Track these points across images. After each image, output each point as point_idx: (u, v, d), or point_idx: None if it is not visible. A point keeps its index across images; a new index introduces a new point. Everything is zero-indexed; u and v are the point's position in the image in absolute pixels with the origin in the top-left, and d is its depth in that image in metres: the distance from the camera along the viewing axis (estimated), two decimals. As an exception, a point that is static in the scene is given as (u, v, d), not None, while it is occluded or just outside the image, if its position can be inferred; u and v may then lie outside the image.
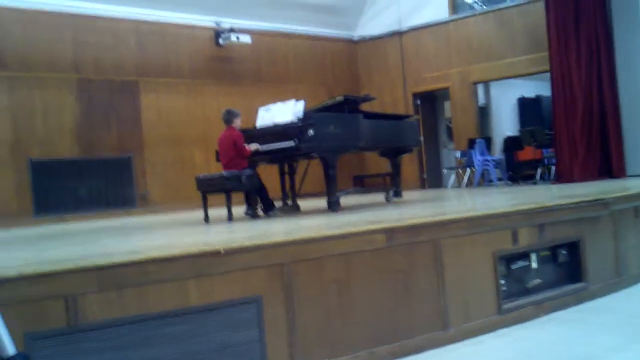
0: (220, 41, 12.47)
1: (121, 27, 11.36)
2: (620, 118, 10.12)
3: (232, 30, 12.34)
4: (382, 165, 11.85)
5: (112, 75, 11.23)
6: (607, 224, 5.43)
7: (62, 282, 2.95)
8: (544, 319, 4.70)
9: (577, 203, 5.21)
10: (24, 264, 3.36)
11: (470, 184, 12.41)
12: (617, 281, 5.41)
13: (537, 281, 4.88)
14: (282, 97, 7.60)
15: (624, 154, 10.10)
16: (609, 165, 10.07)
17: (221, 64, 12.62)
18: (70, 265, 3.02)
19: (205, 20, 12.39)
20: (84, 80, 10.92)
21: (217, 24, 12.49)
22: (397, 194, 8.08)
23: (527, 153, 12.68)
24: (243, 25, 12.69)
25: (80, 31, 10.90)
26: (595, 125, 10.12)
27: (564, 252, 5.09)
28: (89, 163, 10.80)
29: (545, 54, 10.61)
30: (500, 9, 12.46)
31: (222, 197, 6.71)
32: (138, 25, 11.54)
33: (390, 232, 4.02)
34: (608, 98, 10.05)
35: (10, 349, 2.10)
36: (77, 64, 10.89)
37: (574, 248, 5.15)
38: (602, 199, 5.38)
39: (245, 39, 12.44)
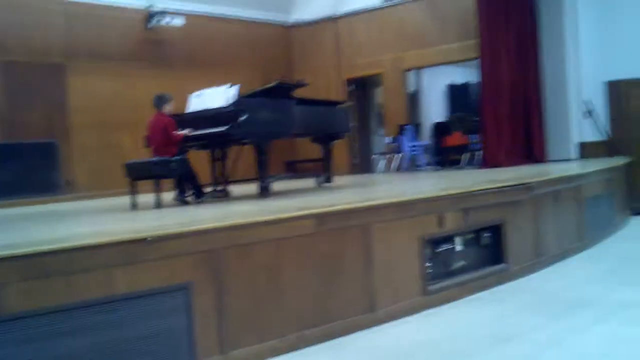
0: (152, 23, 12.18)
1: (49, 8, 10.93)
2: (542, 105, 10.52)
3: (164, 12, 12.07)
4: (314, 150, 11.89)
5: (38, 57, 10.81)
6: (528, 207, 5.67)
7: (-18, 272, 2.87)
8: (468, 299, 4.89)
9: (500, 187, 5.40)
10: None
11: (399, 169, 12.63)
12: (536, 262, 5.68)
13: (462, 263, 5.06)
14: (216, 82, 7.50)
15: (546, 139, 10.52)
16: (531, 150, 10.46)
17: (152, 47, 12.34)
18: (-10, 254, 2.93)
19: (136, 2, 12.07)
20: (8, 63, 10.47)
21: (149, 6, 12.19)
22: (328, 179, 8.16)
23: (455, 139, 13.00)
24: (175, 7, 12.44)
25: (5, 11, 10.43)
26: (520, 112, 10.47)
27: (487, 235, 5.29)
28: (11, 148, 10.38)
29: (476, 40, 10.85)
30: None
31: (151, 183, 6.61)
32: (67, 7, 11.14)
33: (320, 218, 4.08)
34: (532, 85, 10.42)
35: None
36: (1, 45, 10.43)
37: (496, 231, 5.36)
38: (525, 183, 5.61)
39: (178, 22, 12.19)
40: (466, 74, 15.38)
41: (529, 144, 10.50)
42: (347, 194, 6.30)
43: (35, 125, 10.69)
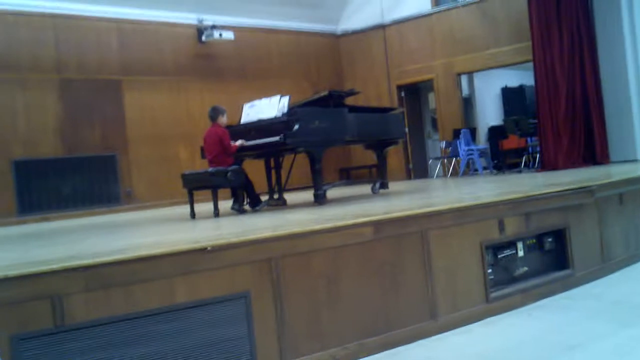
0: (203, 38, 12.41)
1: (103, 27, 11.27)
2: (603, 105, 10.20)
3: (214, 27, 12.28)
4: (368, 156, 11.86)
5: (94, 74, 11.15)
6: (592, 211, 5.47)
7: (48, 282, 2.93)
8: (531, 306, 4.74)
9: (562, 191, 5.24)
10: (8, 265, 3.33)
11: (455, 173, 12.46)
12: (602, 267, 5.46)
13: (524, 269, 4.91)
14: (266, 93, 7.57)
15: (607, 140, 10.19)
16: (592, 152, 10.15)
17: (204, 61, 12.56)
18: (55, 265, 2.99)
19: (187, 17, 12.32)
20: (66, 80, 10.83)
21: (200, 21, 12.41)
22: (384, 185, 8.09)
23: (512, 142, 12.76)
24: (225, 21, 12.64)
25: (61, 31, 10.81)
26: (579, 113, 10.19)
27: (549, 240, 5.13)
28: (72, 162, 10.73)
29: (528, 43, 10.65)
30: (482, 0, 12.49)
31: (208, 192, 6.69)
32: (120, 25, 11.46)
33: (377, 225, 4.03)
34: (591, 85, 10.13)
35: None
36: (59, 64, 10.80)
37: (559, 236, 5.19)
38: (587, 187, 5.42)
39: (228, 35, 12.39)
40: (521, 77, 15.14)
41: (589, 146, 10.19)
42: (403, 200, 6.22)
43: (95, 139, 11.03)
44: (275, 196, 7.54)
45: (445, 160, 13.00)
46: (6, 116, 10.20)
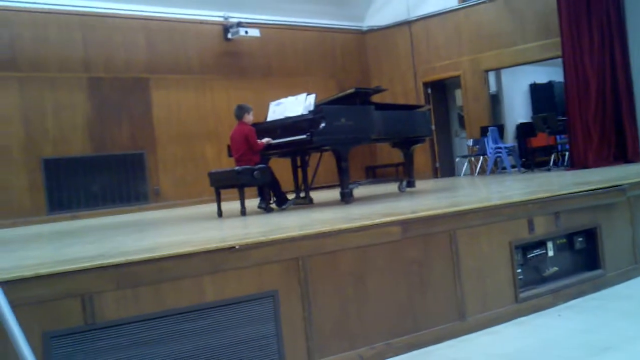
0: (229, 36, 12.45)
1: (130, 25, 11.38)
2: (634, 102, 10.01)
3: (240, 24, 12.32)
4: (394, 155, 11.80)
5: (122, 73, 11.27)
6: (623, 210, 5.38)
7: (79, 281, 2.96)
8: (562, 307, 4.67)
9: (592, 190, 5.15)
10: (39, 263, 3.37)
11: (483, 171, 12.34)
12: (635, 268, 5.37)
13: (554, 269, 4.84)
14: (292, 91, 7.58)
15: (639, 138, 10.00)
16: (624, 150, 9.97)
17: (230, 58, 12.62)
18: (86, 264, 3.02)
19: (213, 15, 12.38)
20: (94, 79, 10.96)
21: (226, 18, 12.47)
22: (411, 184, 8.05)
23: (541, 140, 12.58)
24: (251, 19, 12.67)
25: (89, 30, 10.94)
26: (609, 110, 10.02)
27: (580, 239, 5.05)
28: (101, 160, 10.87)
29: (557, 39, 10.50)
30: (509, -4, 12.34)
31: (234, 190, 6.72)
32: (147, 23, 11.56)
33: (405, 224, 4.00)
34: (621, 82, 9.95)
35: (29, 357, 2.11)
36: (88, 63, 10.93)
37: (590, 235, 5.11)
38: (618, 185, 5.33)
39: (254, 33, 12.42)
40: (549, 73, 14.94)
41: (620, 143, 10.01)
42: (431, 199, 6.17)
43: (123, 138, 11.15)
44: (302, 195, 7.55)
45: (473, 159, 12.88)
46: (36, 115, 10.36)
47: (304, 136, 6.40)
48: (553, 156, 12.09)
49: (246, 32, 12.29)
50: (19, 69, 10.25)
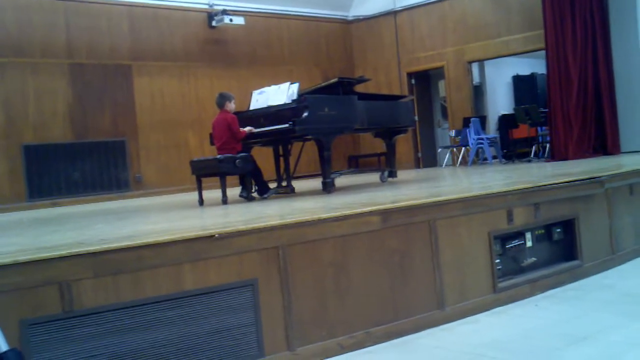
0: (214, 23, 12.36)
1: (114, 11, 11.26)
2: (615, 96, 10.11)
3: (225, 12, 12.23)
4: (377, 145, 11.83)
5: (105, 59, 11.16)
6: (601, 201, 5.44)
7: (57, 268, 2.94)
8: (540, 297, 4.72)
9: (571, 182, 5.20)
10: (18, 250, 3.35)
11: (464, 162, 12.41)
12: (612, 258, 5.44)
13: (532, 260, 4.90)
14: (277, 79, 7.56)
15: (619, 131, 10.11)
16: (603, 142, 10.09)
17: (215, 46, 12.54)
18: (64, 251, 3.00)
19: (198, 2, 12.29)
20: (76, 65, 10.85)
21: (210, 6, 12.38)
22: (392, 174, 8.06)
23: (522, 131, 12.68)
24: (236, 7, 12.59)
25: (72, 16, 10.81)
26: (590, 103, 10.11)
27: (558, 230, 5.11)
28: (82, 147, 10.77)
29: (541, 31, 10.55)
30: (494, -13, 12.37)
31: (216, 179, 6.70)
32: (131, 9, 11.45)
33: (385, 214, 4.02)
34: (603, 76, 10.03)
35: (3, 346, 2.10)
36: (70, 49, 10.81)
37: (568, 226, 5.16)
38: (596, 177, 5.38)
39: (239, 20, 12.34)
40: (532, 65, 15.01)
41: (600, 136, 10.12)
42: (412, 189, 6.20)
43: (104, 125, 11.06)
44: (284, 184, 7.54)
45: (455, 149, 12.95)
46: (16, 101, 10.25)
47: (287, 125, 6.39)
48: (534, 148, 12.17)
49: (231, 20, 12.21)
50: (0, 53, 10.11)
